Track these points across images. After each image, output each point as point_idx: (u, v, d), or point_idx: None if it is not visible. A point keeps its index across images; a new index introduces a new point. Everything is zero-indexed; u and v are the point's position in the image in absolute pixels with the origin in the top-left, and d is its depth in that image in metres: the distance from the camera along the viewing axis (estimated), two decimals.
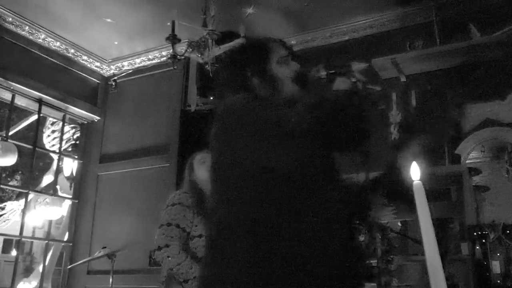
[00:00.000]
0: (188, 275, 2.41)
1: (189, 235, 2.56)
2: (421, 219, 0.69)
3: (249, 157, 1.34)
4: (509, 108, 3.66)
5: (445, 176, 3.40)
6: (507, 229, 3.02)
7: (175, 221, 2.52)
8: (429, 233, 0.69)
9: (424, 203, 0.70)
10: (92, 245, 4.59)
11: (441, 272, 0.67)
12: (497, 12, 3.74)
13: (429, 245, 0.68)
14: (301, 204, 1.31)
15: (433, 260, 0.67)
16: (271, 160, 1.32)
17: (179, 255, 2.43)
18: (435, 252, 0.68)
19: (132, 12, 4.24)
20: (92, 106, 5.05)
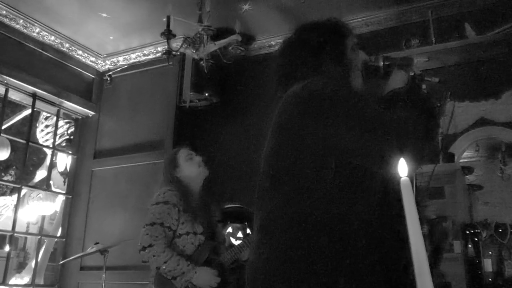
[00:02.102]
0: (175, 272, 2.40)
1: (176, 233, 2.53)
2: (408, 216, 0.69)
3: (324, 142, 1.26)
4: (503, 107, 3.67)
5: (439, 174, 3.40)
6: (500, 228, 3.04)
7: (159, 220, 2.49)
8: (416, 230, 0.68)
9: (412, 200, 0.69)
10: (85, 241, 4.57)
11: (427, 269, 0.66)
12: (492, 12, 3.75)
13: (416, 243, 0.67)
14: (371, 199, 1.26)
15: (420, 257, 0.67)
16: (353, 152, 1.24)
17: (164, 253, 2.41)
18: (422, 250, 0.67)
19: (128, 7, 4.21)
20: (86, 101, 5.03)
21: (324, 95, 1.30)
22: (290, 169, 1.31)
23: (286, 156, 1.33)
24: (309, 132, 1.29)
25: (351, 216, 1.24)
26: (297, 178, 1.29)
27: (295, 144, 1.31)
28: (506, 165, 4.44)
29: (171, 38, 3.17)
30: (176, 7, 3.89)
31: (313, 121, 1.29)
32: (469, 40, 3.65)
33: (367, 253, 1.23)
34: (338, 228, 1.23)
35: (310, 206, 1.25)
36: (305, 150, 1.29)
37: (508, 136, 3.70)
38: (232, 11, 4.07)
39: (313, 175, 1.27)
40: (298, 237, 1.24)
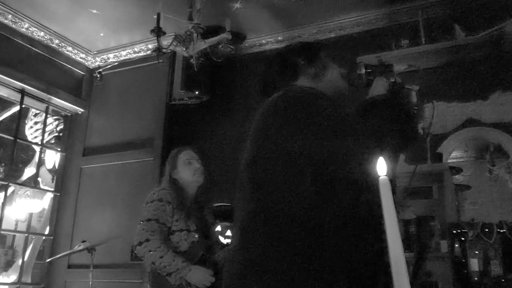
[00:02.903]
0: (170, 268, 2.42)
1: (170, 229, 2.56)
2: (386, 215, 0.69)
3: (302, 149, 1.28)
4: (491, 108, 3.70)
5: (427, 174, 3.42)
6: (486, 227, 3.06)
7: (154, 216, 2.52)
8: (394, 230, 0.68)
9: (390, 199, 0.69)
10: (73, 239, 4.54)
11: (404, 269, 0.67)
12: (482, 14, 3.77)
13: (394, 242, 0.68)
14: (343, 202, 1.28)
15: (397, 257, 0.67)
16: (322, 155, 1.27)
17: (160, 248, 2.43)
18: (400, 249, 0.67)
19: (118, 4, 4.19)
20: (76, 98, 5.00)
21: (301, 103, 1.34)
22: (268, 175, 1.33)
23: (264, 162, 1.35)
24: (286, 139, 1.31)
25: (327, 221, 1.26)
26: (274, 184, 1.31)
27: (272, 150, 1.33)
28: (494, 166, 4.47)
29: (161, 35, 3.16)
30: (166, 5, 3.87)
31: (290, 129, 1.32)
32: (458, 41, 3.67)
33: (343, 257, 1.25)
34: (314, 234, 1.24)
35: (287, 212, 1.27)
36: (282, 157, 1.31)
37: (495, 137, 3.73)
38: (223, 9, 4.06)
39: (290, 182, 1.29)
40: (274, 242, 1.26)
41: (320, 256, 1.23)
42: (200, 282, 2.47)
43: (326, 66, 1.58)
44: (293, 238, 1.25)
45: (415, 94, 1.63)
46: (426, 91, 3.72)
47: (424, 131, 3.43)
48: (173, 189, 2.67)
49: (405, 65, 1.62)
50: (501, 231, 3.08)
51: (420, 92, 1.66)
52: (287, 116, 1.33)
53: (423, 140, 3.51)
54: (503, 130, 3.64)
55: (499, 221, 3.14)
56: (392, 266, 0.70)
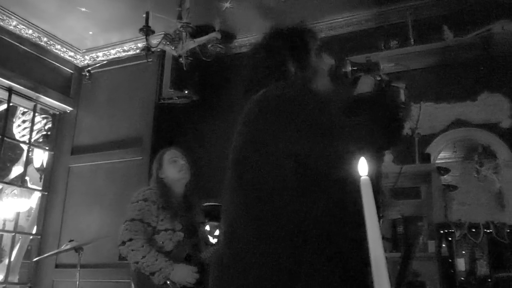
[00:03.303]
0: (153, 267, 2.41)
1: (155, 229, 2.55)
2: (367, 215, 0.69)
3: (286, 148, 1.28)
4: (479, 109, 3.73)
5: (415, 174, 3.44)
6: (473, 228, 3.08)
7: (138, 216, 2.53)
8: (375, 230, 0.68)
9: (371, 199, 0.69)
10: (61, 239, 4.51)
11: (384, 269, 0.67)
12: (470, 15, 3.80)
13: (374, 242, 0.68)
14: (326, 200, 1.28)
15: (377, 257, 0.67)
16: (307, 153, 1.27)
17: (143, 248, 2.43)
18: (380, 249, 0.68)
19: (108, 2, 4.17)
20: (64, 97, 4.96)
21: (285, 101, 1.33)
22: (253, 173, 1.33)
23: (249, 161, 1.35)
24: (270, 137, 1.32)
25: (310, 219, 1.27)
26: (259, 182, 1.31)
27: (257, 148, 1.34)
28: (482, 166, 4.51)
29: (149, 34, 3.15)
30: (156, 4, 3.86)
31: (274, 127, 1.32)
32: (447, 42, 3.70)
33: (325, 255, 1.25)
34: (298, 231, 1.25)
35: (271, 210, 1.28)
36: (267, 155, 1.31)
37: (483, 137, 3.76)
38: (212, 8, 4.05)
39: (274, 179, 1.30)
40: (260, 239, 1.27)
41: (304, 253, 1.24)
42: (184, 280, 2.47)
43: (317, 71, 1.55)
44: (278, 235, 1.25)
45: (403, 92, 1.63)
46: (414, 92, 3.76)
47: (412, 131, 3.46)
48: (159, 189, 2.68)
49: (392, 63, 1.61)
50: (488, 231, 3.10)
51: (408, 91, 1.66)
52: (272, 114, 1.33)
53: (411, 140, 3.53)
54: (491, 131, 3.67)
55: (485, 221, 3.16)
56: (372, 265, 0.70)
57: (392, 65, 1.72)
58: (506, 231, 3.13)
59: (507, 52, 3.64)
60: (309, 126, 1.28)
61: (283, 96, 1.35)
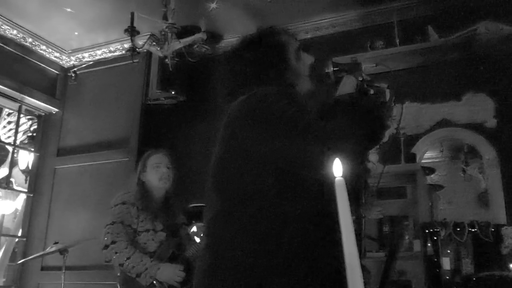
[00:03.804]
0: (139, 268, 2.41)
1: (136, 231, 2.55)
2: (342, 216, 0.69)
3: (265, 151, 1.30)
4: (464, 109, 3.76)
5: (401, 174, 3.46)
6: (458, 227, 3.10)
7: (119, 219, 2.53)
8: (349, 231, 0.68)
9: (345, 200, 0.69)
10: (46, 241, 4.47)
11: (358, 271, 0.67)
12: (455, 16, 3.83)
13: (348, 244, 0.68)
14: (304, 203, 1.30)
15: (352, 259, 0.67)
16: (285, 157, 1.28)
17: (127, 249, 2.42)
18: (354, 251, 0.68)
19: (93, 2, 4.14)
20: (50, 98, 4.92)
21: (265, 106, 1.34)
22: (234, 177, 1.35)
23: (230, 164, 1.37)
24: (251, 142, 1.33)
25: (290, 220, 1.28)
26: (239, 185, 1.34)
27: (238, 153, 1.36)
28: (468, 166, 4.55)
29: (134, 35, 3.14)
30: (142, 4, 3.84)
31: (255, 131, 1.34)
32: (432, 43, 3.72)
33: (303, 257, 1.27)
34: (277, 233, 1.27)
35: (251, 212, 1.30)
36: (247, 159, 1.33)
37: (468, 137, 3.79)
38: (199, 9, 4.04)
39: (254, 183, 1.32)
40: (240, 240, 1.29)
41: (284, 254, 1.26)
42: (171, 279, 2.47)
43: (298, 76, 1.55)
44: (257, 236, 1.27)
45: (388, 92, 1.64)
46: (399, 92, 3.78)
47: (397, 131, 3.48)
48: (138, 191, 2.68)
49: (374, 64, 1.61)
50: (473, 230, 3.13)
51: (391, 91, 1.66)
52: (252, 118, 1.35)
53: (396, 140, 3.55)
54: (476, 131, 3.70)
55: (470, 220, 3.19)
56: (347, 268, 0.70)
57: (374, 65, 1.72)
58: (490, 230, 3.16)
59: (491, 53, 3.68)
60: (289, 131, 1.29)
61: (264, 101, 1.36)
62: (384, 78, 2.26)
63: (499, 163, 3.60)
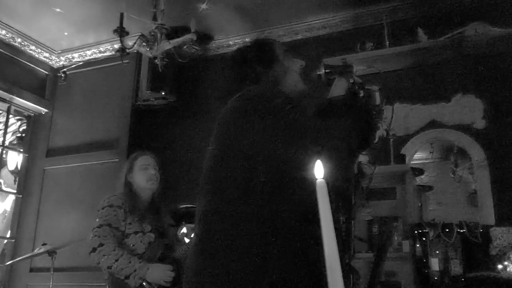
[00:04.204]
0: (128, 270, 2.39)
1: (124, 233, 2.53)
2: (323, 218, 0.69)
3: (258, 150, 1.31)
4: (453, 110, 3.78)
5: (390, 175, 3.47)
6: (446, 228, 3.11)
7: (106, 221, 2.51)
8: (330, 233, 0.68)
9: (326, 202, 0.69)
10: (35, 242, 4.44)
11: (339, 273, 0.66)
12: (444, 17, 3.86)
13: (329, 245, 0.67)
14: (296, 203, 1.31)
15: (332, 260, 0.67)
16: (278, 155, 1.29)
17: (115, 251, 2.40)
18: (334, 252, 0.67)
19: (83, 2, 4.12)
20: (39, 98, 4.89)
21: (259, 104, 1.36)
22: (227, 175, 1.36)
23: (223, 163, 1.38)
24: (245, 141, 1.34)
25: (280, 221, 1.29)
26: (231, 183, 1.34)
27: (232, 152, 1.37)
28: (457, 167, 4.57)
29: (124, 35, 3.12)
30: (132, 5, 3.83)
31: (249, 130, 1.35)
32: (422, 44, 3.74)
33: (294, 256, 1.27)
34: (268, 231, 1.28)
35: (242, 210, 1.30)
36: (241, 158, 1.34)
37: (457, 138, 3.81)
38: (189, 10, 4.03)
39: (247, 181, 1.32)
40: (230, 238, 1.29)
41: (275, 253, 1.27)
42: (161, 279, 2.46)
43: (286, 69, 1.58)
44: (248, 235, 1.28)
45: (378, 95, 1.64)
46: (390, 93, 3.80)
47: (387, 132, 3.49)
48: (125, 194, 2.67)
49: (364, 66, 1.62)
50: (461, 231, 3.15)
51: (382, 93, 1.67)
52: (246, 117, 1.36)
53: (386, 141, 3.56)
54: (465, 132, 3.72)
55: (459, 221, 3.20)
56: (327, 268, 0.70)
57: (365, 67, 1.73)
58: (479, 231, 3.18)
59: (480, 54, 3.70)
60: (282, 129, 1.30)
61: (259, 99, 1.37)
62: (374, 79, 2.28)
63: (488, 164, 3.62)
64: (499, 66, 3.67)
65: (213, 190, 1.38)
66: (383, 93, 1.61)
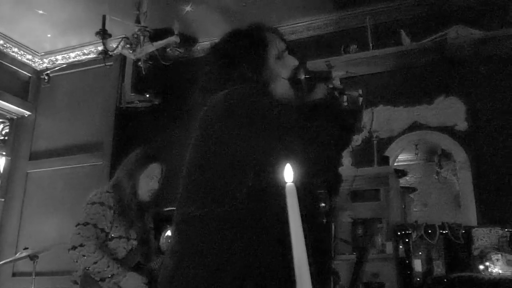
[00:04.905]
0: (105, 273, 2.35)
1: (108, 235, 2.49)
2: (292, 221, 0.69)
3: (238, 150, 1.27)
4: (435, 112, 3.81)
5: (374, 177, 3.49)
6: (429, 229, 3.14)
7: (93, 220, 2.44)
8: (299, 236, 0.68)
9: (296, 205, 0.69)
10: (18, 246, 4.38)
11: (307, 276, 0.67)
12: (427, 20, 3.90)
13: (298, 249, 0.68)
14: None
15: (301, 264, 0.67)
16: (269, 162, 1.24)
17: (95, 254, 2.36)
18: (303, 256, 0.68)
19: (65, 4, 4.09)
20: (22, 101, 4.84)
21: (245, 106, 1.31)
22: (206, 178, 1.32)
23: (203, 165, 1.34)
24: (228, 143, 1.30)
25: (259, 226, 1.27)
26: (211, 187, 1.30)
27: (213, 154, 1.32)
28: (441, 168, 4.61)
29: (106, 38, 3.10)
30: (116, 7, 3.81)
31: (232, 132, 1.30)
32: (404, 47, 3.77)
33: (275, 260, 1.26)
34: (244, 238, 1.25)
35: (219, 216, 1.27)
36: (221, 160, 1.30)
37: (440, 140, 3.85)
38: (173, 12, 4.02)
39: (227, 184, 1.29)
40: (205, 246, 1.26)
41: (253, 259, 1.24)
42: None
43: (275, 77, 1.49)
44: (224, 240, 1.24)
45: (360, 100, 1.65)
46: (373, 96, 3.82)
47: (370, 134, 3.51)
48: (119, 194, 2.54)
49: (343, 71, 1.62)
50: (444, 232, 3.17)
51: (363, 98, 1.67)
52: (231, 118, 1.31)
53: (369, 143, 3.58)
54: (447, 134, 3.76)
55: (441, 222, 3.22)
56: (296, 272, 0.70)
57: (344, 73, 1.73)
58: (461, 232, 3.21)
59: (462, 56, 3.74)
60: (266, 130, 1.27)
61: (244, 100, 1.32)
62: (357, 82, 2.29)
63: (470, 165, 3.65)
64: (481, 68, 3.71)
65: (192, 194, 1.34)
66: (364, 97, 1.61)
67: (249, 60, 1.45)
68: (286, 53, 1.54)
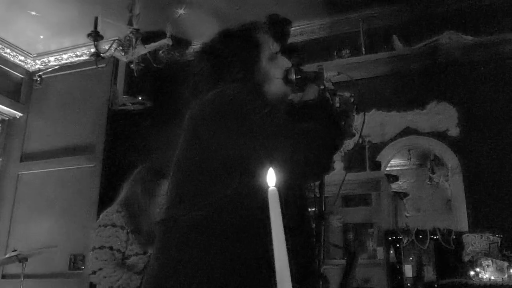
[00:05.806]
0: (130, 286, 2.34)
1: (124, 255, 2.44)
2: (274, 226, 0.68)
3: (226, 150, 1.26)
4: (427, 117, 3.82)
5: (365, 182, 3.49)
6: (420, 234, 3.14)
7: (108, 243, 2.38)
8: (280, 241, 0.68)
9: (278, 210, 0.69)
10: (8, 249, 4.35)
11: (288, 281, 0.66)
12: (419, 26, 3.91)
13: (279, 254, 0.67)
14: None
15: (282, 269, 0.66)
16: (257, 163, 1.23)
17: (115, 273, 2.34)
18: (285, 261, 0.67)
19: (58, 6, 4.07)
20: (14, 102, 4.81)
21: (233, 107, 1.29)
22: (192, 179, 1.31)
23: (190, 166, 1.33)
24: (214, 142, 1.29)
25: (242, 226, 1.26)
26: (195, 187, 1.29)
27: (200, 155, 1.31)
28: (434, 173, 4.63)
29: (98, 39, 3.08)
30: (108, 9, 3.80)
31: (219, 132, 1.29)
32: (397, 52, 3.79)
33: (259, 262, 1.24)
34: (226, 238, 1.24)
35: (202, 216, 1.26)
36: (208, 161, 1.29)
37: (431, 145, 3.85)
38: (167, 15, 4.02)
39: (211, 185, 1.27)
40: (187, 249, 1.25)
41: (235, 260, 1.23)
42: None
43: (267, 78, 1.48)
44: (206, 240, 1.23)
45: (351, 102, 1.64)
46: (365, 100, 3.82)
47: (362, 139, 3.52)
48: (130, 212, 2.45)
49: (335, 73, 1.60)
50: (435, 237, 3.17)
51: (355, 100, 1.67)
52: (219, 119, 1.29)
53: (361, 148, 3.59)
54: (439, 139, 3.76)
55: (432, 227, 3.23)
56: (277, 277, 0.69)
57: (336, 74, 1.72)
58: (452, 237, 3.21)
59: (454, 62, 3.76)
60: (253, 132, 1.25)
61: (233, 101, 1.30)
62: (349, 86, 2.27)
63: (462, 170, 3.66)
64: (472, 74, 3.73)
65: (177, 194, 1.33)
66: (355, 100, 1.61)
67: (241, 60, 1.44)
68: (279, 54, 1.52)
